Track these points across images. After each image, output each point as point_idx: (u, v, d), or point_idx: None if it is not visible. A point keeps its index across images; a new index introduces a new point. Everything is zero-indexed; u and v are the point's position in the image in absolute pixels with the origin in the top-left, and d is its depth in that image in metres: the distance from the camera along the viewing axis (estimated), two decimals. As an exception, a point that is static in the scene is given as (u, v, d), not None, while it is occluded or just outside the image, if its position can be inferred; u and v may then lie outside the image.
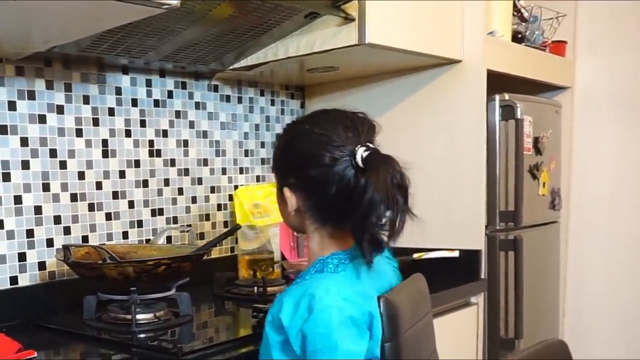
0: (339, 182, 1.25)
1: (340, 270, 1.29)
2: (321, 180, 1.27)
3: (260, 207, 2.51)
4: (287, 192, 1.35)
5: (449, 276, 2.31)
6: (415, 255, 2.38)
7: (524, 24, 2.61)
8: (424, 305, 1.70)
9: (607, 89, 2.85)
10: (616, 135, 2.73)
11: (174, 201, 2.32)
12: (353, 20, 1.92)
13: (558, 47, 2.81)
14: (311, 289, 1.21)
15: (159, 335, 1.68)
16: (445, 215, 2.41)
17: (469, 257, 2.36)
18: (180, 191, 2.34)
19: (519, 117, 2.39)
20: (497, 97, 2.39)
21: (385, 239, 1.27)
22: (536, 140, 2.54)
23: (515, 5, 2.59)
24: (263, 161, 2.64)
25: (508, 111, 2.39)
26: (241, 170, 2.56)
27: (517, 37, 2.59)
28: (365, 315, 1.24)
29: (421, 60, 2.30)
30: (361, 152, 1.24)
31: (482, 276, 2.38)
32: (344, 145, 1.26)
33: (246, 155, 2.57)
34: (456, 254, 2.34)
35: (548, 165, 2.63)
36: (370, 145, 1.27)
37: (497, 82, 2.43)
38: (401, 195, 1.24)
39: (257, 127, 2.61)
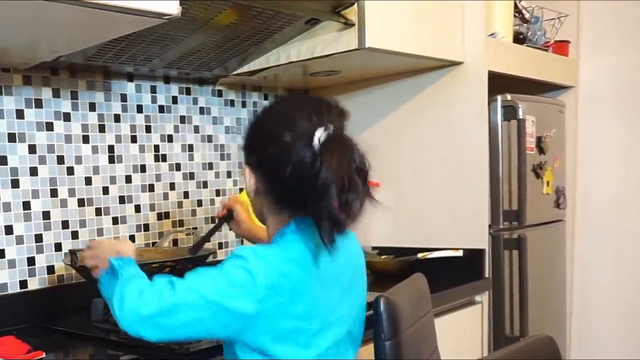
0: (296, 164, 1.20)
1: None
2: (278, 159, 1.22)
3: (266, 209, 2.55)
4: (246, 171, 1.31)
5: (453, 275, 2.33)
6: (420, 255, 2.41)
7: (525, 24, 2.62)
8: (425, 305, 1.72)
9: (611, 87, 2.87)
10: (621, 134, 2.74)
11: (180, 205, 2.36)
12: (353, 25, 1.95)
13: (561, 47, 2.83)
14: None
15: None
16: (449, 215, 2.43)
17: (473, 256, 2.38)
18: (186, 195, 2.37)
19: (521, 117, 2.41)
20: (499, 97, 2.41)
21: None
22: (539, 140, 2.56)
23: (516, 7, 2.60)
24: (267, 164, 2.66)
25: (510, 111, 2.41)
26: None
27: (519, 38, 2.61)
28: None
29: (422, 62, 2.32)
30: (319, 134, 1.20)
31: (487, 275, 2.40)
32: (304, 127, 1.22)
33: (250, 158, 2.60)
34: (460, 253, 2.36)
35: (552, 164, 2.64)
36: (331, 128, 1.22)
37: (501, 83, 2.45)
38: (360, 178, 1.20)
39: (261, 130, 2.63)
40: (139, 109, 2.22)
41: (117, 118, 2.16)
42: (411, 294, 1.63)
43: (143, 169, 2.24)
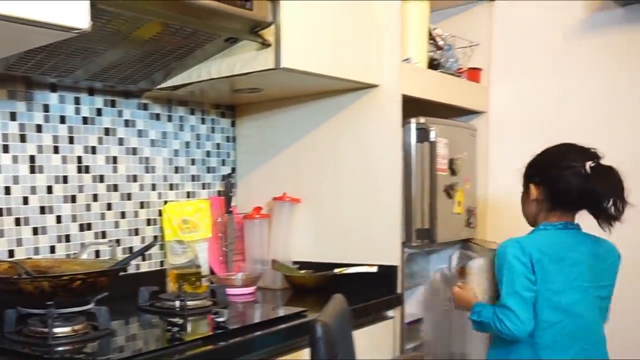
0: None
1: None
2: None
3: (189, 223, 2.59)
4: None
5: (368, 290, 2.41)
6: (337, 270, 2.48)
7: (439, 51, 2.73)
8: (348, 324, 1.79)
9: (519, 113, 3.00)
10: (527, 156, 2.86)
11: (103, 216, 2.38)
12: (270, 45, 2.02)
13: (473, 74, 2.95)
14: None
15: (77, 348, 1.71)
16: (365, 231, 2.52)
17: (387, 272, 2.45)
18: (109, 206, 2.40)
19: (433, 139, 2.51)
20: (413, 120, 2.49)
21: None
22: (451, 162, 2.65)
23: (430, 34, 2.71)
24: (193, 178, 2.71)
25: (423, 134, 2.50)
26: (171, 187, 2.62)
27: (433, 64, 2.71)
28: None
29: (339, 84, 2.40)
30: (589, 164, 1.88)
31: (399, 290, 2.47)
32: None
33: (176, 172, 2.64)
34: (375, 269, 2.44)
35: (463, 185, 2.74)
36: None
37: (419, 106, 2.55)
38: (620, 190, 1.87)
39: (187, 144, 2.68)
40: (62, 119, 2.24)
41: (39, 128, 2.17)
42: (338, 315, 1.68)
43: (65, 179, 2.25)
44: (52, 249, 2.21)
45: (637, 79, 2.71)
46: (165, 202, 2.59)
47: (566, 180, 1.91)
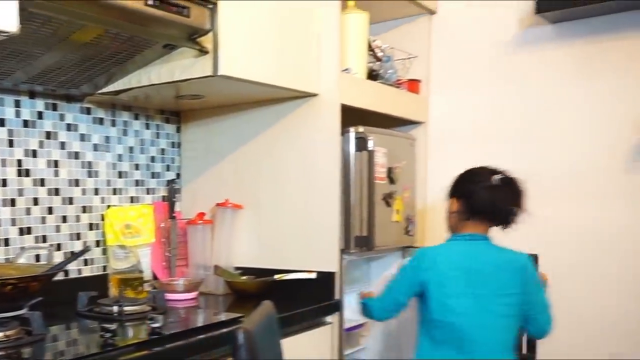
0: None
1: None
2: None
3: (132, 228, 2.60)
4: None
5: (308, 296, 2.45)
6: (277, 276, 2.52)
7: (378, 62, 2.78)
8: (275, 331, 1.82)
9: (457, 123, 3.07)
10: (465, 166, 2.94)
11: (43, 220, 2.37)
12: (207, 52, 2.04)
13: (413, 85, 3.01)
14: None
15: (9, 353, 1.69)
16: (305, 238, 2.56)
17: (325, 278, 2.49)
18: (50, 210, 2.39)
19: (371, 148, 2.55)
20: (352, 129, 2.53)
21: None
22: (390, 171, 2.70)
23: (370, 45, 2.76)
24: (137, 183, 2.72)
25: (362, 143, 2.54)
26: (114, 191, 2.62)
27: (372, 75, 2.76)
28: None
29: (279, 92, 2.44)
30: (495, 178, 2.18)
31: (337, 297, 2.51)
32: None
33: (120, 176, 2.65)
34: (314, 275, 2.47)
35: (402, 193, 2.80)
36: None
37: (361, 116, 2.60)
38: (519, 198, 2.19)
39: (131, 149, 2.69)
40: (2, 122, 2.23)
41: (-24, 131, 2.16)
42: (264, 322, 1.70)
43: (4, 183, 2.24)
44: (-10, 252, 2.19)
45: (566, 92, 2.81)
46: (109, 207, 2.59)
47: (477, 193, 2.19)
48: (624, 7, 2.62)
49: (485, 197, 2.18)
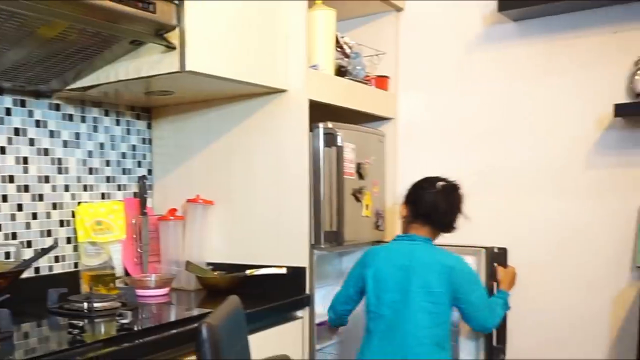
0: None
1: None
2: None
3: (103, 224, 2.60)
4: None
5: (278, 291, 2.47)
6: (248, 272, 2.54)
7: (346, 59, 2.80)
8: (242, 326, 1.84)
9: (426, 120, 3.10)
10: (435, 162, 2.98)
11: (13, 217, 2.37)
12: (174, 48, 2.05)
13: (381, 82, 3.03)
14: None
15: None
16: (275, 234, 2.58)
17: (296, 273, 2.52)
18: (20, 207, 2.39)
19: (339, 144, 2.57)
20: (321, 125, 2.55)
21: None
22: (359, 166, 2.73)
23: (338, 42, 2.78)
24: (108, 179, 2.72)
25: (330, 138, 2.56)
26: (85, 188, 2.63)
27: (341, 71, 2.78)
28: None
29: (248, 88, 2.45)
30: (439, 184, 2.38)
31: (307, 291, 2.54)
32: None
33: (90, 173, 2.65)
34: (284, 270, 2.50)
35: (371, 189, 2.83)
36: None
37: (331, 112, 2.63)
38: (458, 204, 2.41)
39: (102, 145, 2.69)
40: (-32, 119, 2.22)
41: (-59, 128, 2.15)
42: (230, 317, 1.73)
43: (-28, 180, 2.23)
44: (-41, 250, 2.19)
45: (530, 88, 2.85)
46: (79, 203, 2.59)
47: (422, 198, 2.41)
48: (583, 5, 2.67)
49: (428, 202, 2.39)
